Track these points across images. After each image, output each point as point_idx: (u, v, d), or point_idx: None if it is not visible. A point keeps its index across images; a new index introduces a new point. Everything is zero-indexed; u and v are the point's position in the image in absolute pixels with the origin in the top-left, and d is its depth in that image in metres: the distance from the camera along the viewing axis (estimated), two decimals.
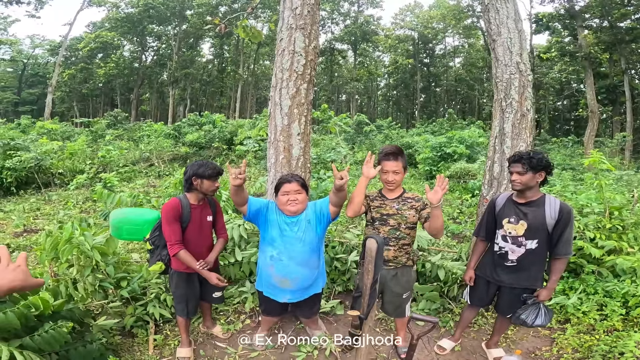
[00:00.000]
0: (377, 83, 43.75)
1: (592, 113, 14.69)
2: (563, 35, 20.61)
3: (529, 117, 3.33)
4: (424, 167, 12.39)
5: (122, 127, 18.24)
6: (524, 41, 3.46)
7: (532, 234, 2.20)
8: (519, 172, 2.16)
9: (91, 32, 33.90)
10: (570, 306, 3.12)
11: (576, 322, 3.02)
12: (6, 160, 8.19)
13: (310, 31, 3.13)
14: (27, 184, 8.36)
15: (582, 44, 17.20)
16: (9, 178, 7.98)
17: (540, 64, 24.18)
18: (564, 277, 3.47)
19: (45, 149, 9.34)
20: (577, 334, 2.89)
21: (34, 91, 38.82)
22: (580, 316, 3.05)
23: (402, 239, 2.34)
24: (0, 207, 6.83)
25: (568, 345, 2.75)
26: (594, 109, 14.77)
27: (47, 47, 38.27)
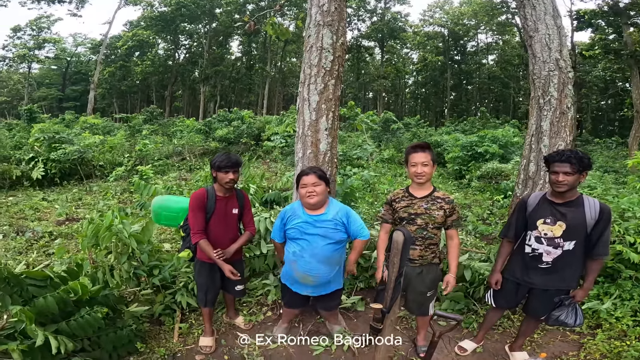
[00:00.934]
0: (405, 80, 42.86)
1: (638, 113, 13.65)
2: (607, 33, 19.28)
3: (569, 115, 3.17)
4: (452, 166, 12.03)
5: (157, 123, 19.09)
6: (564, 37, 3.29)
7: (571, 235, 2.10)
8: (567, 172, 2.01)
9: (129, 31, 35.60)
10: (603, 311, 2.97)
11: (608, 328, 2.88)
12: (51, 153, 8.80)
13: (338, 28, 3.13)
14: (70, 175, 8.94)
15: (628, 41, 16.07)
16: (54, 169, 8.57)
17: (583, 62, 22.74)
18: (599, 281, 3.31)
19: (88, 142, 9.96)
20: (607, 339, 2.76)
21: (77, 88, 41.30)
22: (613, 322, 2.90)
23: (429, 239, 2.30)
24: (45, 196, 7.36)
25: (597, 350, 2.65)
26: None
27: (88, 45, 40.58)
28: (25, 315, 1.73)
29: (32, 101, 31.59)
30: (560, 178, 2.04)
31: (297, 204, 2.45)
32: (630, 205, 3.75)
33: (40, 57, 35.00)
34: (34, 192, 7.62)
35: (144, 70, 36.01)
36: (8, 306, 1.81)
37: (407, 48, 38.27)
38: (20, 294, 1.89)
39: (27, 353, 1.84)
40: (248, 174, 5.06)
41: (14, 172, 8.04)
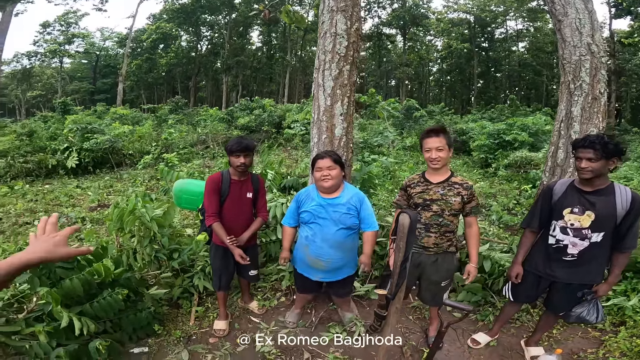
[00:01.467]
0: (429, 68, 41.48)
1: None
2: None
3: (602, 100, 2.99)
4: (478, 154, 11.64)
5: (182, 113, 19.60)
6: (596, 22, 3.10)
7: (600, 226, 1.96)
8: (590, 158, 1.89)
9: (152, 24, 36.46)
10: (628, 308, 2.82)
11: (632, 325, 2.73)
12: (84, 143, 9.27)
13: (352, 13, 3.06)
14: (102, 164, 9.40)
15: None
16: (87, 158, 9.04)
17: (622, 50, 21.25)
18: (628, 277, 3.13)
19: (118, 132, 10.40)
20: (630, 337, 2.62)
21: (107, 81, 42.94)
22: (638, 319, 2.75)
23: (444, 226, 2.21)
24: (79, 184, 7.79)
25: (617, 348, 2.54)
26: None
27: (115, 39, 41.93)
28: (52, 296, 1.85)
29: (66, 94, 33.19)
30: (583, 164, 1.92)
31: (312, 188, 2.45)
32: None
33: (71, 51, 36.47)
34: (68, 180, 8.07)
35: (168, 62, 36.90)
36: (36, 288, 1.94)
37: (431, 35, 36.93)
38: (48, 276, 2.02)
39: (52, 334, 1.95)
40: (267, 161, 5.12)
41: (49, 162, 8.54)
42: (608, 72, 3.24)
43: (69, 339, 2.02)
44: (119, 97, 24.65)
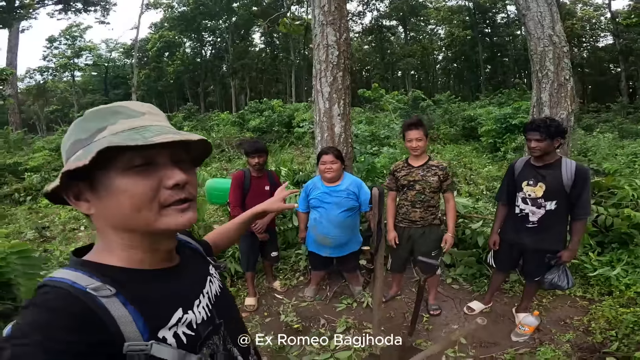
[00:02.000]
0: (433, 57, 41.11)
1: None
2: None
3: (567, 86, 3.34)
4: (487, 139, 11.84)
5: (196, 119, 20.29)
6: (556, 14, 3.44)
7: (551, 195, 2.32)
8: (538, 139, 2.26)
9: (155, 33, 37.35)
10: (613, 278, 3.05)
11: (617, 295, 2.97)
12: None
13: (340, 25, 3.49)
14: None
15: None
16: None
17: (628, 30, 20.81)
18: (613, 248, 3.37)
19: None
20: (615, 306, 2.84)
21: (118, 92, 44.01)
22: (623, 289, 2.98)
23: (427, 202, 2.66)
24: None
25: (602, 316, 2.75)
26: None
27: (120, 50, 43.07)
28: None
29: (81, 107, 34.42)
30: (532, 145, 2.29)
31: (317, 179, 2.95)
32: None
33: (80, 64, 37.68)
34: None
35: (175, 70, 37.72)
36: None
37: (432, 24, 36.61)
38: None
39: None
40: (280, 159, 5.61)
41: None
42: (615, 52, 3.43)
43: None
44: None
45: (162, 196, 0.60)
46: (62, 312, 0.52)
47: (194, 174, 0.67)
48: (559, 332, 2.65)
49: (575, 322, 2.78)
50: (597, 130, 12.52)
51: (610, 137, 10.78)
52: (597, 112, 19.58)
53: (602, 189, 3.62)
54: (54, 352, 0.48)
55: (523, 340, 2.55)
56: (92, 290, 0.55)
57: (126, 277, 0.61)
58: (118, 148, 0.55)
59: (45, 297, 0.54)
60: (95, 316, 0.54)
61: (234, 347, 0.76)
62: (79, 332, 0.51)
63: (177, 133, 0.59)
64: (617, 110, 18.91)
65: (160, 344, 0.58)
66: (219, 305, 0.75)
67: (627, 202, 3.35)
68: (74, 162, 0.57)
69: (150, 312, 0.59)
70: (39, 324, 0.50)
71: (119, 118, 0.61)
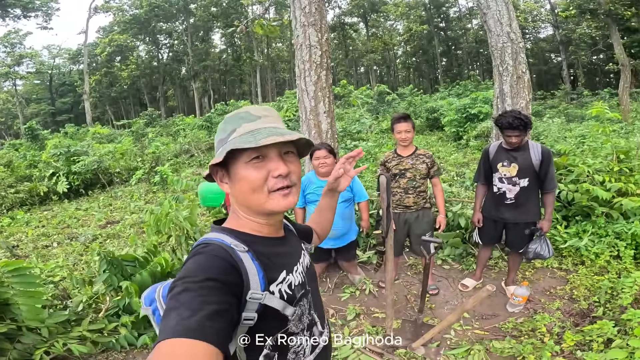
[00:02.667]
0: (394, 52, 42.46)
1: (623, 66, 14.24)
2: None
3: (525, 78, 3.71)
4: (450, 129, 12.53)
5: (158, 124, 19.49)
6: (512, 12, 3.80)
7: (523, 174, 2.64)
8: (517, 135, 2.57)
9: (103, 37, 35.31)
10: (583, 248, 3.35)
11: (590, 265, 3.27)
12: (71, 166, 9.36)
13: (321, 26, 3.61)
14: (92, 185, 9.53)
15: (601, 1, 16.35)
16: (76, 181, 9.15)
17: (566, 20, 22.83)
18: (577, 220, 3.71)
19: (104, 152, 10.50)
20: (590, 274, 3.13)
21: (66, 100, 41.11)
22: (593, 258, 3.29)
23: (418, 188, 2.89)
24: (78, 206, 7.98)
25: (581, 284, 3.01)
26: (625, 63, 14.36)
27: (65, 56, 40.24)
28: (133, 288, 2.32)
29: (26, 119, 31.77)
30: (513, 140, 2.60)
31: (312, 174, 3.07)
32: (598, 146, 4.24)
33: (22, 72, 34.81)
34: (65, 205, 8.23)
35: (130, 75, 35.97)
36: (117, 283, 2.40)
37: (391, 20, 37.85)
38: (121, 274, 2.48)
39: (133, 325, 2.39)
40: None
41: (40, 189, 8.63)
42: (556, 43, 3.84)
43: (146, 328, 2.49)
44: (88, 115, 23.95)
45: (269, 183, 0.77)
46: (217, 259, 0.70)
47: (298, 164, 0.83)
48: (548, 301, 2.92)
49: (559, 292, 3.01)
50: (547, 116, 13.63)
51: (559, 122, 11.80)
52: (544, 99, 21.27)
53: (559, 167, 4.00)
54: (211, 287, 0.63)
55: (518, 311, 2.81)
56: (234, 246, 0.74)
57: (251, 240, 0.79)
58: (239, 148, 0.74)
59: (206, 249, 0.72)
60: (236, 264, 0.71)
61: (315, 313, 0.91)
62: (227, 274, 0.68)
63: (280, 135, 0.74)
64: (562, 97, 20.67)
65: (271, 294, 0.75)
66: (309, 275, 0.91)
67: (584, 178, 3.74)
68: (216, 157, 0.78)
69: (267, 269, 0.76)
70: (203, 267, 0.67)
71: (243, 122, 0.79)
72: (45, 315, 2.11)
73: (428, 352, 2.28)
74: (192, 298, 0.60)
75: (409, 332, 2.44)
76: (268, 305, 0.74)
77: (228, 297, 0.65)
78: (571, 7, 20.08)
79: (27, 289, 2.18)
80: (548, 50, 32.98)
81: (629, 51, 18.57)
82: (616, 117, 4.00)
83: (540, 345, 2.29)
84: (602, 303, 2.68)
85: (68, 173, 9.24)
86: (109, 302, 2.53)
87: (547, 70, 32.70)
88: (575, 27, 23.82)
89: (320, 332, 0.91)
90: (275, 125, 0.79)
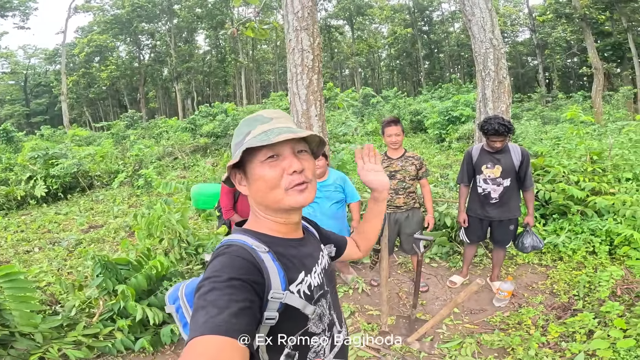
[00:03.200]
0: (378, 55, 43.06)
1: (597, 70, 14.97)
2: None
3: (505, 83, 3.90)
4: (433, 131, 12.83)
5: (140, 127, 19.06)
6: (494, 19, 3.98)
7: (506, 174, 2.81)
8: (502, 140, 2.73)
9: (82, 37, 34.29)
10: (560, 244, 3.54)
11: (567, 260, 3.46)
12: (49, 169, 9.04)
13: (313, 30, 3.67)
14: (71, 189, 9.24)
15: (577, 5, 17.20)
16: (55, 185, 8.85)
17: (543, 24, 23.80)
18: (554, 218, 3.91)
19: (84, 154, 10.19)
20: (569, 270, 3.31)
21: (41, 101, 39.61)
22: (571, 254, 3.47)
23: (408, 188, 3.00)
24: (57, 210, 7.73)
25: (560, 279, 3.19)
26: (598, 66, 15.09)
27: (42, 56, 38.91)
28: (130, 292, 2.30)
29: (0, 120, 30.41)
30: (498, 145, 2.76)
31: None
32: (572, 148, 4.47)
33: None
34: (44, 209, 7.95)
35: (110, 75, 34.97)
36: (112, 287, 2.37)
37: (376, 23, 38.42)
38: (116, 278, 2.45)
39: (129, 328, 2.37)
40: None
41: (17, 193, 8.30)
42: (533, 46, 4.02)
43: (142, 332, 2.47)
44: (65, 117, 23.14)
45: (285, 182, 0.79)
46: (240, 259, 0.72)
47: (312, 162, 0.85)
48: (531, 295, 3.07)
49: (540, 286, 3.17)
50: (524, 119, 14.15)
51: (535, 124, 12.29)
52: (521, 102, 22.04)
53: (537, 168, 4.21)
54: (236, 286, 0.67)
55: (504, 305, 2.95)
56: (255, 247, 0.77)
57: (271, 241, 0.82)
58: (254, 147, 0.77)
59: (229, 249, 0.75)
60: (257, 264, 0.74)
61: (334, 313, 0.94)
62: (250, 273, 0.70)
63: (292, 132, 0.77)
64: (538, 100, 21.48)
65: (291, 294, 0.78)
66: (327, 276, 0.94)
67: (560, 178, 3.95)
68: (233, 158, 0.81)
69: (287, 269, 0.79)
70: (227, 267, 0.70)
71: (257, 124, 0.82)
72: (38, 320, 2.07)
73: (423, 346, 2.37)
74: (219, 297, 0.63)
75: (403, 328, 2.52)
76: (289, 305, 0.76)
77: (252, 296, 0.67)
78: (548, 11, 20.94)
79: (18, 294, 2.13)
80: (525, 54, 34.17)
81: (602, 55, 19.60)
82: (589, 119, 4.24)
83: (528, 337, 2.41)
84: (582, 296, 2.84)
85: (46, 176, 8.93)
86: (102, 306, 2.49)
87: (524, 74, 33.85)
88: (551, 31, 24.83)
89: (338, 331, 0.94)
90: (288, 125, 0.82)
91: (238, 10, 33.30)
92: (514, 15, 33.37)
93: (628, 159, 4.12)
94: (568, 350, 2.22)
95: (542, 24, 23.74)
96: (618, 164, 4.03)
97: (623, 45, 19.49)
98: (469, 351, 2.34)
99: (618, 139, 4.58)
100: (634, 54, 17.77)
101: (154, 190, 8.08)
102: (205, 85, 39.20)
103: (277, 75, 40.57)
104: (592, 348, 2.10)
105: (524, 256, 3.67)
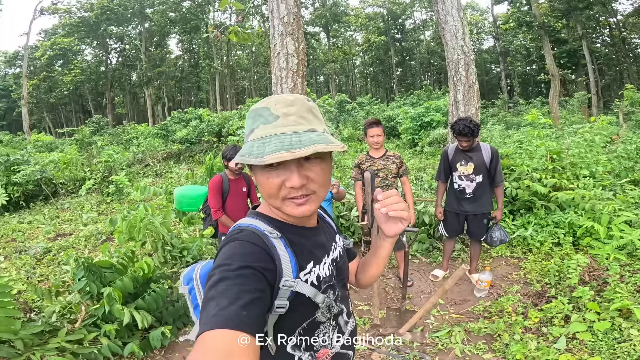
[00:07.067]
0: (353, 62, 43.95)
1: (553, 76, 16.11)
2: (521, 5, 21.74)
3: (475, 88, 4.18)
4: (406, 136, 13.26)
5: (107, 132, 18.26)
6: (465, 27, 4.28)
7: (478, 171, 3.03)
8: (468, 140, 2.95)
9: (45, 40, 32.61)
10: (528, 237, 3.81)
11: (537, 252, 3.70)
12: (10, 176, 8.48)
13: (298, 35, 3.77)
14: (33, 197, 8.70)
15: (536, 13, 18.54)
16: (16, 192, 8.30)
17: (506, 33, 25.32)
18: (522, 214, 4.18)
19: (49, 161, 9.63)
20: (538, 261, 3.54)
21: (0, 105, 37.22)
22: (539, 246, 3.72)
23: (389, 186, 3.15)
24: (20, 219, 7.25)
25: (532, 269, 3.39)
26: (554, 73, 16.25)
27: (1, 59, 36.62)
28: (117, 294, 2.22)
29: None
30: (464, 144, 2.99)
31: None
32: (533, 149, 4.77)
33: None
34: (6, 218, 7.45)
35: (74, 80, 33.31)
36: (97, 290, 2.28)
37: (351, 30, 39.28)
38: (100, 281, 2.36)
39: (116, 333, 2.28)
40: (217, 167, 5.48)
41: None
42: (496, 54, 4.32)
43: (129, 336, 2.39)
44: (26, 122, 21.73)
45: (283, 192, 0.74)
46: (252, 245, 0.71)
47: (320, 169, 0.76)
48: (507, 286, 3.25)
49: (515, 277, 3.36)
50: (490, 124, 14.94)
51: (499, 129, 13.01)
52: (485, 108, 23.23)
53: (503, 168, 4.49)
54: (247, 275, 0.65)
55: (485, 295, 3.12)
56: (267, 232, 0.76)
57: (283, 227, 0.80)
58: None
59: (240, 234, 0.74)
60: (269, 250, 0.72)
61: (342, 305, 0.91)
62: (261, 261, 0.69)
63: (289, 150, 0.67)
64: (501, 106, 22.74)
65: (302, 282, 0.76)
66: (338, 268, 0.91)
67: (524, 176, 4.24)
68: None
69: (299, 256, 0.77)
70: (238, 254, 0.69)
71: (260, 122, 0.73)
72: (18, 326, 1.96)
73: (414, 336, 2.47)
74: (229, 287, 0.62)
75: (394, 320, 2.61)
76: (300, 293, 0.74)
77: (263, 285, 0.66)
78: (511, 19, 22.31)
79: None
80: (489, 61, 36.10)
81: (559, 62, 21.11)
82: (548, 122, 4.59)
83: (512, 323, 2.56)
84: (553, 284, 3.05)
85: (7, 184, 8.37)
86: (84, 311, 2.39)
87: (488, 81, 35.72)
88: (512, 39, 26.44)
89: (345, 322, 0.93)
90: (294, 130, 0.71)
91: (214, 15, 32.91)
92: (480, 24, 35.23)
93: (585, 157, 4.48)
94: (550, 334, 2.37)
95: (505, 32, 25.22)
96: (575, 162, 4.39)
97: (578, 52, 21.12)
98: (459, 339, 2.46)
99: (574, 140, 4.95)
100: (588, 60, 19.32)
101: (126, 197, 7.79)
102: (177, 90, 38.25)
103: (252, 81, 40.27)
104: (572, 331, 2.27)
105: (497, 249, 3.88)
